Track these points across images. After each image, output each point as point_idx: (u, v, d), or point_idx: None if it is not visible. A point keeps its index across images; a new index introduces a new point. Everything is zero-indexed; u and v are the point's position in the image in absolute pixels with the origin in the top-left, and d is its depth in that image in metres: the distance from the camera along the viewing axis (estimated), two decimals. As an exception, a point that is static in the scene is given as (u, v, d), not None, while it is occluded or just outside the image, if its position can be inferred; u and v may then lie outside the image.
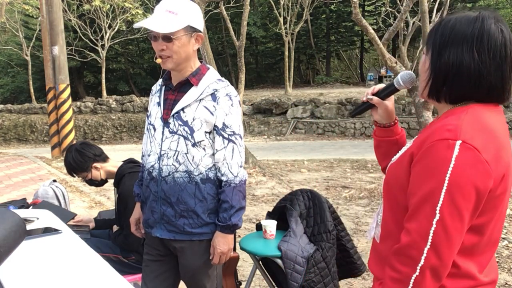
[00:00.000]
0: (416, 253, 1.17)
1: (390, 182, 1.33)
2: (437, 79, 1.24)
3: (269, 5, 22.34)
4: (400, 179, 1.28)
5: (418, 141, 1.24)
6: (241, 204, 1.98)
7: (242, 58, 9.37)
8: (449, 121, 1.20)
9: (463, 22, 1.21)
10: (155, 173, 2.00)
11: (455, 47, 1.20)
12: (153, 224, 2.05)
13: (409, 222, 1.20)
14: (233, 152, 1.96)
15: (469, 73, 1.20)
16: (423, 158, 1.19)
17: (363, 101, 1.55)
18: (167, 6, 1.86)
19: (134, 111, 16.74)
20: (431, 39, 1.27)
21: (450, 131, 1.16)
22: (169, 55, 1.89)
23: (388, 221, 1.35)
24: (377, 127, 1.58)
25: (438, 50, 1.23)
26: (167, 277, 2.14)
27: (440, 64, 1.23)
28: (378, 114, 1.54)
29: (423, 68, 1.29)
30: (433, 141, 1.17)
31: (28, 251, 1.95)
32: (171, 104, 1.99)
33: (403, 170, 1.26)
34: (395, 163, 1.33)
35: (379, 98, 1.50)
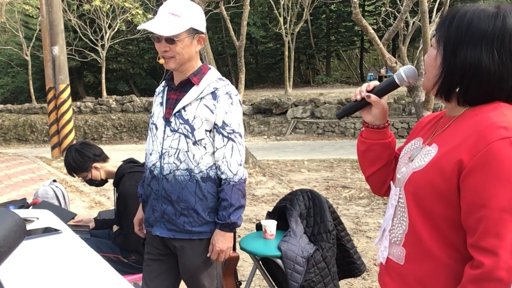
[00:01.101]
0: (505, 274, 1.03)
1: (420, 193, 1.17)
2: (451, 78, 1.15)
3: (269, 5, 22.33)
4: (437, 189, 1.13)
5: (463, 145, 1.10)
6: (241, 202, 1.99)
7: (242, 58, 9.37)
8: (493, 118, 1.09)
9: (482, 18, 1.10)
10: (156, 172, 2.01)
11: (473, 45, 1.10)
12: (153, 222, 2.06)
13: (488, 240, 1.05)
14: (233, 150, 1.97)
15: (489, 75, 1.10)
16: (485, 164, 1.05)
17: (355, 100, 1.38)
18: (170, 9, 1.88)
19: (134, 111, 16.73)
20: (443, 32, 1.16)
21: (507, 128, 1.06)
22: (172, 56, 1.92)
23: (421, 238, 1.18)
24: (368, 129, 1.41)
25: (453, 47, 1.13)
26: (168, 276, 2.15)
27: (455, 63, 1.13)
28: (372, 115, 1.38)
29: (432, 63, 1.19)
30: (491, 142, 1.05)
31: (28, 251, 1.95)
32: (173, 103, 2.01)
33: (444, 180, 1.12)
34: (423, 171, 1.18)
35: (376, 95, 1.35)
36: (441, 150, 1.16)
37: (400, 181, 1.27)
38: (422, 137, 1.32)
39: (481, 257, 1.06)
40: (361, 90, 1.36)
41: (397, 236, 1.26)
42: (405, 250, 1.23)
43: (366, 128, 1.42)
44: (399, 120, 13.69)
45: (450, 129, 1.19)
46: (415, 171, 1.20)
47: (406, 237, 1.22)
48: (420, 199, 1.18)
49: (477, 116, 1.13)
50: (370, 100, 1.34)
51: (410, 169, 1.23)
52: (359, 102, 1.38)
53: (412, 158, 1.27)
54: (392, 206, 1.28)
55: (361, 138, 1.45)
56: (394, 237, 1.27)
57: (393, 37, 11.15)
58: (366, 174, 1.49)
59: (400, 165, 1.33)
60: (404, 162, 1.31)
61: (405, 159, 1.32)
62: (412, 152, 1.30)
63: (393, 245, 1.28)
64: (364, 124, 1.43)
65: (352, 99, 1.39)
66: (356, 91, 1.39)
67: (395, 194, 1.27)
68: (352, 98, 1.39)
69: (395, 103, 14.41)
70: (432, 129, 1.30)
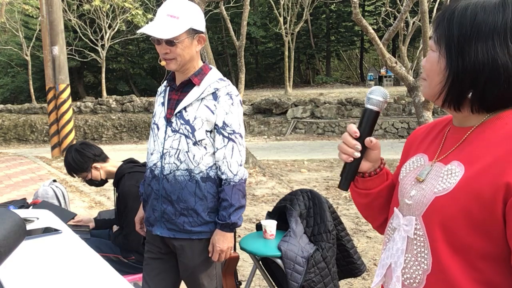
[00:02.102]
0: None
1: (451, 223, 0.96)
2: (461, 83, 0.98)
3: (269, 5, 22.35)
4: (472, 218, 0.93)
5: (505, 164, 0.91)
6: (241, 202, 2.00)
7: (242, 58, 9.37)
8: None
9: (488, 9, 0.95)
10: (157, 171, 2.02)
11: (483, 41, 0.94)
12: (153, 222, 2.07)
13: None
14: (233, 151, 1.98)
15: (507, 73, 0.94)
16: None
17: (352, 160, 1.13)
18: (168, 11, 1.89)
19: (134, 111, 16.74)
20: (443, 30, 1.00)
21: None
22: (173, 58, 1.93)
23: (452, 279, 0.96)
24: (367, 178, 1.17)
25: (458, 47, 0.97)
26: (168, 275, 2.15)
27: (464, 65, 0.96)
28: (370, 160, 1.15)
29: (435, 68, 1.02)
30: None
31: (28, 251, 1.95)
32: (174, 103, 2.02)
33: (481, 206, 0.92)
34: (452, 196, 0.96)
35: (369, 136, 1.13)
36: (470, 169, 0.96)
37: (414, 208, 1.04)
38: (425, 153, 1.11)
39: None
40: (351, 145, 1.12)
41: (413, 277, 1.03)
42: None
43: (362, 178, 1.18)
44: (399, 120, 13.69)
45: (475, 143, 1.00)
46: (438, 196, 0.98)
47: (428, 278, 1.00)
48: (450, 231, 0.96)
49: (508, 125, 0.96)
50: (371, 144, 1.12)
51: (428, 193, 1.01)
52: (356, 159, 1.13)
53: (422, 178, 1.05)
54: (403, 239, 1.06)
55: (359, 190, 1.21)
56: (408, 278, 1.04)
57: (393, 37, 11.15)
58: (378, 223, 1.26)
59: (405, 188, 1.09)
60: (410, 184, 1.08)
61: (410, 180, 1.09)
62: (419, 171, 1.08)
63: (410, 282, 1.04)
64: (359, 175, 1.18)
65: (348, 161, 1.13)
66: (343, 149, 1.13)
67: (407, 224, 1.05)
68: (347, 160, 1.13)
69: (395, 103, 14.41)
70: (437, 143, 1.10)
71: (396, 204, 1.12)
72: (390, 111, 14.34)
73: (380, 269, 1.13)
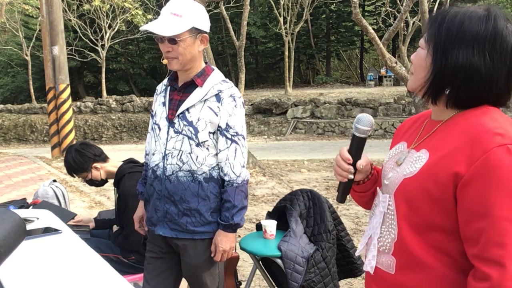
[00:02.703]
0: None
1: (413, 200, 1.14)
2: (442, 80, 1.12)
3: (269, 5, 22.35)
4: (431, 197, 1.10)
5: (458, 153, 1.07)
6: (243, 203, 2.01)
7: (242, 58, 9.38)
8: (487, 124, 1.07)
9: (473, 19, 1.09)
10: (159, 172, 2.02)
11: (464, 47, 1.09)
12: (156, 222, 2.07)
13: (492, 250, 1.02)
14: (236, 153, 1.98)
15: (480, 78, 1.09)
16: (483, 173, 1.03)
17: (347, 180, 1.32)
18: (172, 9, 1.89)
19: (134, 111, 16.74)
20: (433, 32, 1.14)
21: (503, 135, 1.04)
22: (175, 57, 1.92)
23: (411, 246, 1.14)
24: (361, 185, 1.38)
25: (444, 49, 1.11)
26: (169, 275, 2.15)
27: (446, 65, 1.11)
28: (362, 173, 1.35)
29: (422, 64, 1.16)
30: (489, 150, 1.03)
31: (28, 251, 1.95)
32: (176, 104, 2.01)
33: (438, 188, 1.09)
34: (416, 178, 1.14)
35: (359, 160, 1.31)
36: (432, 156, 1.13)
37: (389, 188, 1.23)
38: (406, 141, 1.29)
39: (487, 268, 1.02)
40: (345, 169, 1.30)
41: (385, 245, 1.22)
42: (395, 259, 1.19)
43: (359, 185, 1.38)
44: (399, 120, 13.68)
45: (440, 134, 1.16)
46: (406, 178, 1.16)
47: (395, 245, 1.19)
48: (412, 206, 1.14)
49: (468, 121, 1.11)
50: (361, 169, 1.31)
51: (400, 175, 1.19)
52: (350, 180, 1.33)
53: (399, 162, 1.23)
54: (380, 213, 1.24)
55: (358, 194, 1.42)
56: (382, 246, 1.23)
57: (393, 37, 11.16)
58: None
59: (386, 170, 1.28)
60: (390, 167, 1.27)
61: (391, 164, 1.28)
62: (398, 157, 1.26)
63: (382, 253, 1.23)
64: (355, 183, 1.38)
65: (343, 181, 1.34)
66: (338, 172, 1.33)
67: (384, 201, 1.24)
68: (343, 181, 1.33)
69: (395, 103, 14.41)
70: (416, 133, 1.27)
71: (380, 185, 1.32)
72: (390, 111, 14.34)
73: (364, 239, 1.34)
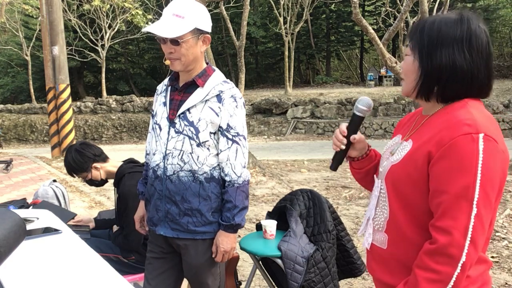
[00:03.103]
0: (456, 251, 1.17)
1: (398, 183, 1.31)
2: (430, 79, 1.27)
3: (269, 5, 22.35)
4: (412, 179, 1.27)
5: (433, 139, 1.24)
6: (244, 204, 2.01)
7: (242, 58, 9.37)
8: (460, 116, 1.22)
9: (449, 24, 1.25)
10: (160, 172, 2.02)
11: (446, 48, 1.24)
12: (157, 222, 2.07)
13: (444, 220, 1.19)
14: (237, 153, 1.98)
15: (463, 73, 1.24)
16: (448, 155, 1.19)
17: (339, 150, 1.52)
18: (174, 10, 1.89)
19: (134, 111, 16.74)
20: (416, 40, 1.29)
21: (470, 125, 1.18)
22: (178, 58, 1.92)
23: (400, 224, 1.32)
24: (357, 161, 1.57)
25: (428, 51, 1.26)
26: (170, 275, 2.16)
27: (432, 65, 1.26)
28: (357, 150, 1.54)
29: (410, 68, 1.31)
30: (455, 137, 1.18)
31: (28, 251, 1.95)
32: (177, 104, 2.01)
33: (417, 170, 1.26)
34: (400, 164, 1.32)
35: (354, 134, 1.50)
36: (415, 145, 1.31)
37: (382, 174, 1.41)
38: (401, 134, 1.47)
39: (437, 235, 1.20)
40: (340, 139, 1.51)
41: (379, 224, 1.40)
42: (387, 235, 1.36)
43: (354, 161, 1.58)
44: (399, 120, 13.68)
45: (424, 126, 1.33)
46: (393, 164, 1.35)
47: (387, 224, 1.36)
48: (398, 188, 1.32)
49: (448, 114, 1.27)
50: (355, 141, 1.50)
51: (389, 162, 1.38)
52: (343, 149, 1.52)
53: (393, 152, 1.41)
54: (375, 197, 1.43)
55: (354, 170, 1.61)
56: (377, 225, 1.41)
57: (393, 37, 11.15)
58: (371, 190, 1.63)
59: (382, 159, 1.47)
60: (385, 157, 1.45)
61: (386, 154, 1.45)
62: (393, 148, 1.44)
63: (376, 231, 1.41)
64: (350, 159, 1.58)
65: (336, 150, 1.53)
66: (334, 141, 1.53)
67: (377, 185, 1.43)
68: (336, 149, 1.53)
69: (395, 103, 14.41)
70: (409, 127, 1.44)
71: (377, 173, 1.50)
72: (390, 111, 14.34)
73: (363, 221, 1.52)
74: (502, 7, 26.70)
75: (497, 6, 26.22)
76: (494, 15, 25.40)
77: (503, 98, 14.86)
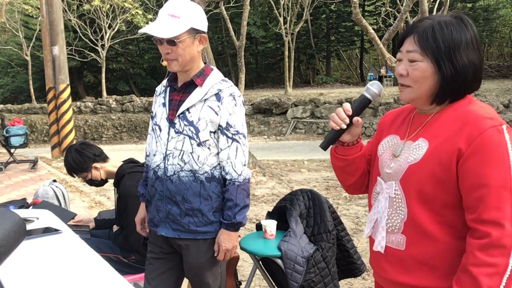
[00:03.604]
0: (509, 241, 1.19)
1: (420, 182, 1.31)
2: (452, 82, 1.30)
3: (269, 5, 22.35)
4: (436, 177, 1.28)
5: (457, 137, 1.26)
6: (245, 202, 2.01)
7: (242, 58, 9.38)
8: (477, 111, 1.28)
9: (457, 27, 1.31)
10: (160, 173, 2.02)
11: (464, 50, 1.30)
12: (158, 222, 2.07)
13: (491, 213, 1.21)
14: (237, 151, 1.99)
15: (480, 70, 1.33)
16: (480, 149, 1.23)
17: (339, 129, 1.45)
18: (170, 10, 1.89)
19: (134, 111, 16.74)
20: (427, 44, 1.31)
21: (492, 118, 1.25)
22: (175, 58, 1.93)
23: (420, 223, 1.32)
24: (346, 147, 1.52)
25: (448, 56, 1.29)
26: (170, 275, 2.16)
27: (455, 69, 1.29)
28: (351, 134, 1.49)
29: (425, 75, 1.32)
30: (483, 131, 1.23)
31: (28, 251, 1.95)
32: (176, 104, 2.02)
33: (442, 167, 1.27)
34: (420, 163, 1.31)
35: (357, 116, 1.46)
36: (432, 143, 1.31)
37: (393, 176, 1.39)
38: (396, 134, 1.47)
39: (487, 228, 1.21)
40: (342, 118, 1.44)
41: (395, 225, 1.38)
42: (405, 236, 1.36)
43: (342, 146, 1.52)
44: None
45: (434, 125, 1.35)
46: (411, 164, 1.34)
47: (405, 224, 1.36)
48: (420, 188, 1.31)
49: (457, 111, 1.32)
50: (357, 122, 1.46)
51: (403, 163, 1.36)
52: (341, 129, 1.45)
53: (397, 154, 1.40)
54: (385, 199, 1.41)
55: (338, 155, 1.55)
56: (390, 227, 1.40)
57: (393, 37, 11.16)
58: (347, 183, 1.61)
59: (385, 161, 1.44)
60: (389, 159, 1.43)
61: (388, 155, 1.44)
62: (393, 148, 1.43)
63: (391, 234, 1.40)
64: (339, 143, 1.52)
65: (335, 128, 1.46)
66: (334, 119, 1.45)
67: (389, 187, 1.40)
68: (335, 128, 1.45)
69: (395, 103, 14.40)
70: (405, 126, 1.45)
71: (378, 174, 1.48)
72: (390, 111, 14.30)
73: (369, 223, 1.49)
74: (502, 7, 26.69)
75: (497, 6, 26.21)
76: (494, 15, 25.39)
77: (503, 98, 14.85)
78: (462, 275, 1.25)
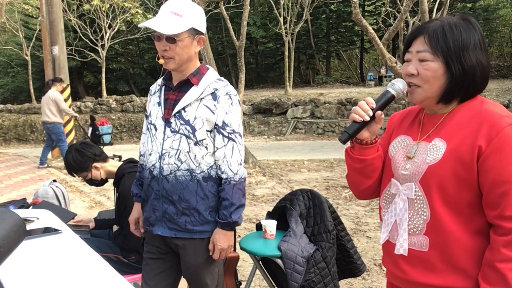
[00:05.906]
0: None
1: (442, 182, 1.32)
2: (463, 82, 1.33)
3: (269, 5, 22.35)
4: (457, 176, 1.30)
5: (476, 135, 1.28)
6: (241, 201, 2.01)
7: (242, 58, 9.37)
8: (492, 109, 1.31)
9: (466, 29, 1.34)
10: (156, 172, 2.02)
11: (472, 50, 1.32)
12: (154, 222, 2.06)
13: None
14: (233, 150, 1.99)
15: (487, 70, 1.36)
16: (500, 147, 1.25)
17: (361, 121, 1.38)
18: (172, 8, 1.89)
19: (134, 111, 16.73)
20: (438, 44, 1.32)
21: (509, 116, 1.29)
22: (172, 56, 1.92)
23: (443, 223, 1.32)
24: (363, 146, 1.45)
25: (457, 56, 1.32)
26: (168, 275, 2.15)
27: (465, 69, 1.32)
28: (370, 131, 1.43)
29: (435, 75, 1.33)
30: (502, 129, 1.26)
31: (28, 251, 1.95)
32: (172, 103, 2.01)
33: (463, 166, 1.29)
34: (441, 163, 1.32)
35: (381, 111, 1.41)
36: (451, 142, 1.32)
37: (410, 177, 1.38)
38: (407, 135, 1.46)
39: (510, 224, 1.23)
40: (365, 109, 1.38)
41: (417, 227, 1.37)
42: (428, 237, 1.35)
43: (359, 145, 1.45)
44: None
45: (449, 124, 1.36)
46: (430, 165, 1.33)
47: (428, 225, 1.35)
48: (442, 188, 1.32)
49: (472, 110, 1.34)
50: (379, 117, 1.40)
51: (421, 164, 1.35)
52: (364, 122, 1.38)
53: (411, 155, 1.39)
54: (404, 201, 1.40)
55: (355, 156, 1.48)
56: (412, 228, 1.38)
57: (393, 37, 11.15)
58: (362, 188, 1.54)
59: (399, 163, 1.43)
60: (403, 160, 1.42)
61: (401, 157, 1.43)
62: (407, 150, 1.42)
63: (412, 235, 1.38)
64: (357, 141, 1.45)
65: (357, 121, 1.38)
66: (357, 111, 1.39)
67: (407, 189, 1.39)
68: (357, 120, 1.38)
69: (395, 103, 14.40)
70: (416, 127, 1.45)
71: (391, 175, 1.46)
72: (390, 111, 14.31)
73: (386, 227, 1.46)
74: (502, 7, 26.68)
75: (497, 6, 26.20)
76: (494, 15, 25.39)
77: (503, 98, 14.84)
78: (489, 271, 1.26)
